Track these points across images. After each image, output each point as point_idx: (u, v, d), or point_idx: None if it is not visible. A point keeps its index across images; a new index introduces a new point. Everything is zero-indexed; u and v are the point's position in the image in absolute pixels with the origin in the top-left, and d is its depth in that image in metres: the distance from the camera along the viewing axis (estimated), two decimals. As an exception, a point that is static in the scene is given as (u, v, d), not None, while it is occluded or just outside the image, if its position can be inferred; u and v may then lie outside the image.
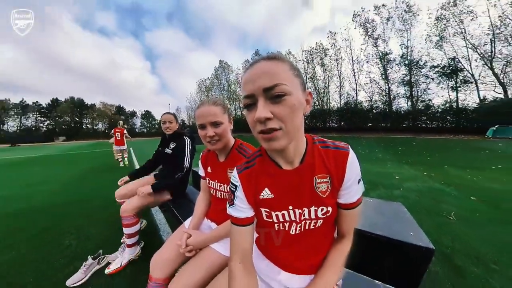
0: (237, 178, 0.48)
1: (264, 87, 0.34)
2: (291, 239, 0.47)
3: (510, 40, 14.81)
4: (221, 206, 0.76)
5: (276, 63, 0.36)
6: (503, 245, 1.22)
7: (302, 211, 0.44)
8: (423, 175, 3.04)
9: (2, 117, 32.97)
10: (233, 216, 0.48)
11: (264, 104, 0.35)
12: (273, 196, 0.45)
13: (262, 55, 0.39)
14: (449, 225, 1.48)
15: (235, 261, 0.46)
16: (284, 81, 0.34)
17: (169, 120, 1.36)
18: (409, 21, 19.95)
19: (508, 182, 2.63)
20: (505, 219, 1.56)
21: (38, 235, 1.50)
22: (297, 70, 0.38)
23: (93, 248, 1.29)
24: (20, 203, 2.31)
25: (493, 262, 1.07)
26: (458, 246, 1.21)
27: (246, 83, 0.37)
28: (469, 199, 2.01)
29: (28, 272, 1.08)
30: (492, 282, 0.92)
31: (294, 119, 0.36)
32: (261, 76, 0.35)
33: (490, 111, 13.59)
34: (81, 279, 1.01)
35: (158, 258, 0.70)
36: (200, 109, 0.67)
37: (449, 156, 4.93)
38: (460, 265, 1.05)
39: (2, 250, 1.33)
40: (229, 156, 0.73)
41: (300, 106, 0.37)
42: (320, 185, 0.43)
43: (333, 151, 0.44)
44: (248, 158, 0.51)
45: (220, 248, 0.67)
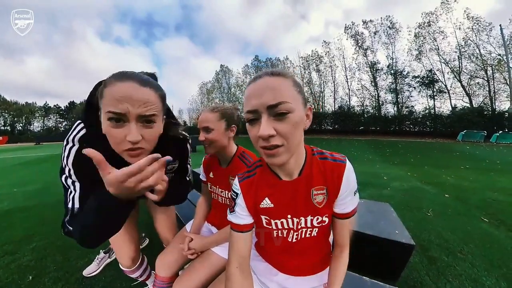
0: (238, 187, 0.48)
1: (268, 105, 0.33)
2: (288, 244, 0.48)
3: (472, 58, 16.68)
4: (222, 211, 0.74)
5: (280, 79, 0.35)
6: (467, 236, 1.41)
7: (299, 220, 0.44)
8: (407, 175, 3.25)
9: (30, 118, 35.65)
10: (233, 222, 0.48)
11: (267, 121, 0.34)
12: (273, 206, 0.45)
13: (265, 69, 0.38)
14: (427, 220, 1.66)
15: (233, 265, 0.46)
16: (288, 99, 0.33)
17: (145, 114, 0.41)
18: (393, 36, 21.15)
19: (474, 181, 2.90)
20: (470, 213, 1.79)
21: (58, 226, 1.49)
22: (299, 87, 0.37)
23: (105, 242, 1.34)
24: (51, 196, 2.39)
25: (459, 251, 1.23)
26: (433, 238, 1.37)
27: (250, 98, 0.35)
28: (444, 196, 2.23)
29: (49, 260, 1.16)
30: (458, 268, 1.08)
31: (296, 135, 0.35)
32: (266, 92, 0.33)
33: (459, 117, 14.75)
34: (95, 271, 1.08)
35: (162, 259, 0.71)
36: (200, 114, 0.67)
37: (429, 158, 5.25)
38: (434, 255, 1.18)
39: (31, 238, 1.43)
40: (231, 163, 0.71)
41: (301, 122, 0.36)
42: (317, 196, 0.43)
43: (330, 163, 0.43)
44: (249, 168, 0.50)
45: (220, 251, 0.68)
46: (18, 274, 1.09)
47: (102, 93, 0.40)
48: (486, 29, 16.54)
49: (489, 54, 16.44)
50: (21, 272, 1.10)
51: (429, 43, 19.18)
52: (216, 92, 37.73)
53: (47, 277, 1.06)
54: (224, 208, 0.74)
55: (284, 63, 29.59)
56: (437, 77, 19.24)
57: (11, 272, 1.11)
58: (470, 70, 17.35)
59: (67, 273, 1.09)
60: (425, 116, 18.22)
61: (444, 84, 19.00)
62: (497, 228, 1.56)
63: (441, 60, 18.74)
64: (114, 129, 0.39)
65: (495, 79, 16.36)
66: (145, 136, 0.42)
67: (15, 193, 2.60)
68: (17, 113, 35.14)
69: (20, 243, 1.39)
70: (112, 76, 0.41)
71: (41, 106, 37.88)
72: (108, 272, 1.10)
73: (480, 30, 16.78)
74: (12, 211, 1.99)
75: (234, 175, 0.66)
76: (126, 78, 0.40)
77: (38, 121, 37.44)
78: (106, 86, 0.39)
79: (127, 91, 0.38)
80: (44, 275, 1.07)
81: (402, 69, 21.06)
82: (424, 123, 18.08)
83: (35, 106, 37.42)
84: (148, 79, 0.43)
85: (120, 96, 0.38)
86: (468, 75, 17.45)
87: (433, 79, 19.24)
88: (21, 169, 4.65)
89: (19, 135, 32.83)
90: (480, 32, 16.79)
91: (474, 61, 17.08)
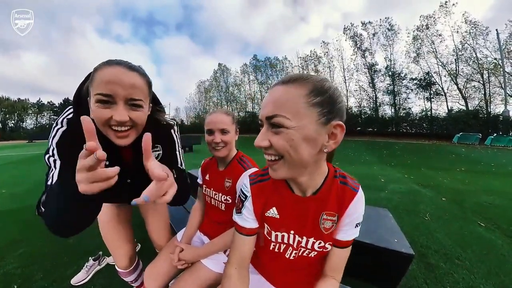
0: (248, 189, 0.46)
1: (266, 116, 0.32)
2: (284, 259, 0.46)
3: (469, 61, 17.06)
4: (213, 216, 0.74)
5: (289, 89, 0.31)
6: (465, 241, 1.41)
7: (301, 239, 0.42)
8: (404, 177, 3.27)
9: (22, 115, 34.74)
10: (238, 224, 0.46)
11: (265, 132, 0.33)
12: (278, 217, 0.44)
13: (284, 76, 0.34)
14: (425, 224, 1.65)
15: (231, 266, 0.45)
16: (285, 113, 0.30)
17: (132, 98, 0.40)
18: (391, 38, 21.46)
19: (469, 183, 2.94)
20: (467, 217, 1.80)
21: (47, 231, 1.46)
22: (321, 96, 0.31)
23: (94, 248, 1.25)
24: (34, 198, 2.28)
25: (456, 257, 1.23)
26: (431, 244, 1.37)
27: (262, 107, 0.35)
28: (441, 200, 2.24)
29: (36, 268, 1.10)
30: (455, 276, 1.07)
31: (297, 152, 0.32)
32: (268, 103, 0.33)
33: (455, 120, 15.13)
34: (84, 279, 1.04)
35: (151, 270, 0.68)
36: (212, 115, 0.66)
37: (425, 159, 5.30)
38: (432, 262, 1.18)
39: (18, 243, 1.35)
40: (229, 165, 0.71)
41: (309, 142, 0.31)
42: (326, 222, 0.41)
43: (348, 189, 0.41)
44: (263, 171, 0.48)
45: (211, 264, 0.66)
46: (3, 283, 1.03)
47: (92, 78, 0.41)
48: (483, 33, 16.85)
49: (485, 58, 16.75)
50: (6, 281, 1.04)
51: (427, 45, 19.42)
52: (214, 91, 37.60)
53: (34, 286, 1.00)
54: (214, 212, 0.74)
55: (283, 62, 29.59)
56: (434, 80, 19.60)
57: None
58: (466, 73, 17.74)
59: (55, 282, 1.03)
60: (422, 118, 18.60)
61: (441, 86, 19.37)
62: (493, 233, 1.57)
63: (438, 63, 19.05)
64: (101, 109, 0.40)
65: (490, 82, 16.67)
66: (133, 118, 0.43)
67: (3, 194, 2.51)
68: (9, 109, 34.28)
69: (6, 249, 1.32)
70: (102, 62, 0.42)
71: (34, 102, 36.97)
72: (98, 281, 1.06)
73: (477, 34, 17.06)
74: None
75: (231, 177, 0.68)
76: (115, 64, 0.42)
77: (31, 118, 36.58)
78: (96, 71, 0.41)
79: (116, 74, 0.40)
80: (31, 284, 1.02)
81: (400, 71, 21.34)
82: (421, 125, 18.50)
83: (28, 103, 36.49)
84: (136, 65, 0.45)
85: (108, 79, 0.39)
86: (464, 78, 17.81)
87: (430, 81, 19.57)
88: (11, 168, 4.52)
89: (11, 132, 32.20)
90: (477, 36, 17.09)
91: (471, 64, 17.42)
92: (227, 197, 0.69)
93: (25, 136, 26.99)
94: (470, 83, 17.54)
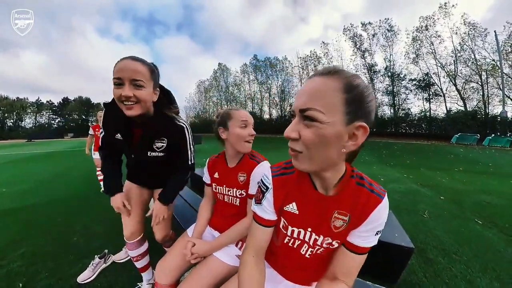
0: (270, 180, 0.46)
1: (300, 108, 0.31)
2: (298, 256, 0.46)
3: (467, 62, 17.17)
4: (227, 211, 0.74)
5: (326, 80, 0.30)
6: (462, 238, 1.45)
7: (318, 237, 0.42)
8: (403, 177, 3.30)
9: (21, 114, 34.66)
10: (257, 214, 0.46)
11: (296, 123, 0.32)
12: (297, 213, 0.43)
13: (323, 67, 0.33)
14: (424, 222, 1.69)
15: (249, 254, 0.46)
16: (320, 107, 0.29)
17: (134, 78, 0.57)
18: (391, 39, 21.57)
19: (468, 183, 2.98)
20: (465, 215, 1.84)
21: (49, 230, 1.50)
22: (353, 93, 0.30)
23: (99, 246, 1.29)
24: (41, 197, 2.30)
25: (454, 253, 1.27)
26: (430, 240, 1.40)
27: (295, 97, 0.34)
28: (439, 199, 2.27)
29: (40, 267, 1.10)
30: (453, 270, 1.11)
31: (322, 150, 0.31)
32: (303, 95, 0.32)
33: (454, 120, 15.21)
34: (90, 277, 1.04)
35: (163, 265, 0.69)
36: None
37: (424, 160, 5.35)
38: (431, 257, 1.21)
39: (19, 243, 1.35)
40: (240, 161, 0.72)
41: (335, 140, 0.31)
42: (336, 220, 0.40)
43: (366, 193, 0.39)
44: (286, 164, 0.47)
45: (223, 257, 0.66)
46: (7, 282, 1.02)
47: (113, 70, 0.59)
48: (481, 34, 16.91)
49: (484, 59, 16.85)
50: (10, 280, 1.04)
51: (426, 46, 19.49)
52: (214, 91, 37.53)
53: (38, 284, 1.00)
54: (228, 208, 0.75)
55: (283, 62, 29.60)
56: (433, 81, 19.63)
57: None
58: (465, 74, 17.84)
59: (61, 280, 1.03)
60: (421, 119, 18.60)
61: (440, 87, 19.40)
62: (490, 231, 1.61)
63: (437, 64, 19.15)
64: (116, 89, 0.59)
65: (488, 84, 16.76)
66: (136, 95, 0.60)
67: (3, 193, 2.51)
68: (8, 108, 34.06)
69: (7, 249, 1.31)
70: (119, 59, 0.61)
71: (33, 102, 36.74)
72: (104, 278, 1.06)
73: (476, 35, 17.16)
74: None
75: (244, 172, 0.70)
76: (125, 58, 0.61)
77: (30, 118, 36.40)
78: (115, 65, 0.59)
79: (124, 63, 0.58)
80: (35, 282, 1.01)
81: (400, 72, 21.44)
82: (420, 125, 18.49)
83: (27, 102, 36.29)
84: (141, 58, 0.63)
85: (118, 67, 0.58)
86: (463, 79, 17.89)
87: (429, 82, 19.62)
88: (11, 167, 4.51)
89: (10, 131, 32.00)
90: (475, 37, 17.19)
91: (469, 65, 17.50)
92: (242, 191, 0.70)
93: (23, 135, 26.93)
94: (468, 84, 17.66)
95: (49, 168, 4.38)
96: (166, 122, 0.72)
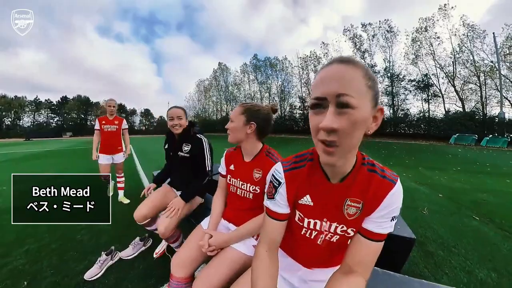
0: (282, 175, 0.46)
1: (337, 93, 0.30)
2: (315, 245, 0.47)
3: (466, 64, 17.36)
4: (240, 205, 0.75)
5: (349, 68, 0.31)
6: (460, 232, 1.51)
7: (334, 225, 0.43)
8: (402, 176, 3.35)
9: (19, 113, 34.48)
10: (270, 209, 0.47)
11: (334, 112, 0.30)
12: (312, 204, 0.44)
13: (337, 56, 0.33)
14: (423, 218, 1.75)
15: (262, 248, 0.46)
16: (353, 93, 0.29)
17: (177, 116, 1.08)
18: (390, 40, 21.73)
19: (465, 182, 3.04)
20: (462, 212, 1.90)
21: (54, 227, 1.46)
22: (371, 80, 0.32)
23: (105, 243, 1.28)
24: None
25: (453, 246, 1.32)
26: (429, 235, 1.46)
27: (318, 85, 0.32)
28: (438, 196, 2.34)
29: (45, 264, 1.08)
30: (452, 262, 1.16)
31: (353, 136, 0.31)
32: (336, 80, 0.30)
33: (452, 121, 15.36)
34: (97, 274, 1.03)
35: (178, 258, 0.69)
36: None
37: (423, 159, 5.41)
38: (431, 250, 1.27)
39: (23, 240, 1.32)
40: (256, 157, 0.73)
41: (363, 124, 0.31)
42: (349, 208, 0.40)
43: (378, 179, 0.39)
44: (296, 158, 0.47)
45: (242, 247, 0.66)
46: (12, 279, 1.00)
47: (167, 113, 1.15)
48: (480, 36, 17.06)
49: (482, 61, 17.00)
50: (14, 277, 1.02)
51: (425, 47, 19.62)
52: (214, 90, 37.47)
53: (44, 282, 0.98)
54: (241, 202, 0.76)
55: (283, 62, 29.60)
56: (432, 82, 19.74)
57: (3, 277, 1.02)
58: (463, 75, 17.99)
59: (66, 277, 1.02)
60: (420, 119, 18.73)
61: (439, 88, 19.57)
62: (487, 226, 1.66)
63: (436, 65, 19.30)
64: (169, 122, 1.12)
65: (487, 85, 16.85)
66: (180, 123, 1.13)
67: (3, 191, 2.47)
68: (6, 107, 33.77)
69: (11, 246, 1.29)
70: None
71: (31, 100, 36.44)
72: (111, 275, 1.04)
73: (475, 37, 17.30)
74: (0, 211, 1.84)
75: (260, 169, 0.71)
76: (173, 107, 1.15)
77: (28, 116, 36.09)
78: (168, 111, 1.14)
79: (172, 111, 1.13)
80: (41, 280, 0.99)
81: (399, 73, 21.59)
82: (419, 125, 18.62)
83: (25, 100, 35.99)
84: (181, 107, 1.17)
85: (170, 112, 1.13)
86: (461, 80, 18.05)
87: (428, 83, 19.73)
88: (10, 166, 4.50)
89: (7, 130, 31.73)
90: (474, 39, 17.32)
91: (468, 67, 17.65)
92: (256, 187, 0.71)
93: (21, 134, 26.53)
94: (467, 85, 17.84)
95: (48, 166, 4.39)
96: (190, 135, 1.15)
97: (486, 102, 16.88)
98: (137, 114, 47.31)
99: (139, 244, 1.27)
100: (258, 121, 0.72)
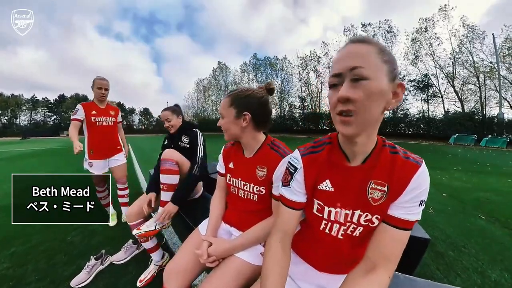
0: (299, 160, 0.44)
1: (351, 66, 0.32)
2: (336, 242, 0.43)
3: (465, 64, 17.46)
4: (243, 207, 0.64)
5: (362, 45, 0.33)
6: (468, 231, 1.48)
7: (357, 214, 0.39)
8: None
9: (16, 111, 34.11)
10: (285, 197, 0.45)
11: (349, 84, 0.32)
12: (333, 190, 0.41)
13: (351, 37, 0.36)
14: (429, 217, 1.72)
15: (275, 240, 0.44)
16: (364, 65, 0.31)
17: (166, 118, 1.12)
18: (390, 40, 21.87)
19: (466, 181, 3.05)
20: (468, 211, 1.89)
21: (45, 228, 1.39)
22: (387, 55, 0.33)
23: (96, 245, 1.21)
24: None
25: (462, 246, 1.30)
26: (438, 235, 1.43)
27: (334, 64, 0.35)
28: (442, 195, 2.33)
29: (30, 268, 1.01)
30: (464, 262, 1.13)
31: (370, 107, 0.32)
32: (348, 56, 0.33)
33: (452, 121, 15.46)
34: (85, 280, 0.94)
35: (171, 268, 0.60)
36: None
37: (423, 159, 5.61)
38: (441, 250, 1.24)
39: (11, 241, 1.25)
40: (258, 151, 0.62)
41: (380, 96, 0.32)
42: (374, 191, 0.38)
43: (402, 160, 0.37)
44: (314, 143, 0.46)
45: (247, 256, 0.57)
46: None
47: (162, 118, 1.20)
48: (479, 37, 17.15)
49: (482, 61, 17.11)
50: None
51: (425, 48, 19.69)
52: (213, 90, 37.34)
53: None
54: (244, 204, 0.64)
55: (283, 62, 29.56)
56: (431, 82, 19.87)
57: (-17, 283, 0.93)
58: (463, 76, 18.08)
59: (52, 283, 0.93)
60: (419, 119, 18.76)
61: (438, 88, 19.67)
62: (493, 225, 1.64)
63: (436, 65, 19.41)
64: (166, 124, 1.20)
65: (486, 85, 16.97)
66: (171, 124, 1.19)
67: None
68: (2, 105, 33.43)
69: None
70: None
71: (28, 98, 36.04)
72: (101, 281, 0.96)
73: (474, 38, 17.38)
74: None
75: (264, 166, 0.59)
76: (165, 109, 1.20)
77: (25, 115, 35.67)
78: (160, 114, 1.22)
79: (164, 113, 1.18)
80: (24, 286, 0.92)
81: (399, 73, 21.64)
82: (418, 125, 18.63)
83: (22, 99, 35.61)
84: (172, 107, 1.22)
85: (162, 115, 1.18)
86: (461, 81, 18.17)
87: (427, 83, 19.85)
88: (4, 165, 4.42)
89: (4, 129, 31.56)
90: (474, 40, 17.41)
91: (467, 67, 17.76)
92: (261, 188, 0.60)
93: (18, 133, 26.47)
94: (466, 85, 17.96)
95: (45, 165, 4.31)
96: (188, 129, 1.21)
97: (485, 103, 17.03)
98: (136, 113, 47.07)
99: (132, 247, 1.19)
100: (252, 109, 0.58)
